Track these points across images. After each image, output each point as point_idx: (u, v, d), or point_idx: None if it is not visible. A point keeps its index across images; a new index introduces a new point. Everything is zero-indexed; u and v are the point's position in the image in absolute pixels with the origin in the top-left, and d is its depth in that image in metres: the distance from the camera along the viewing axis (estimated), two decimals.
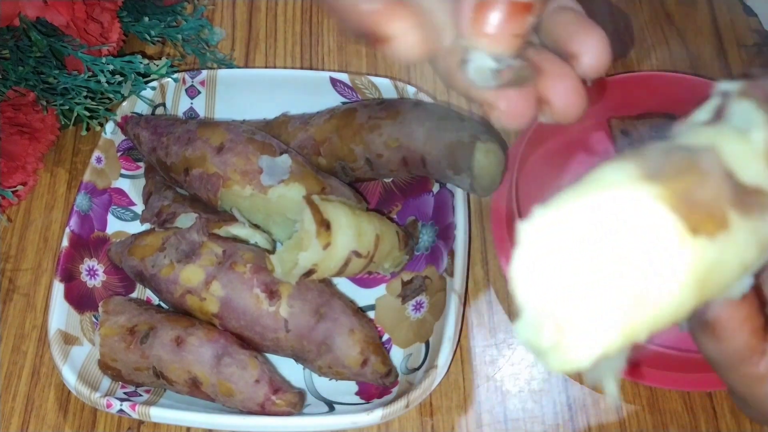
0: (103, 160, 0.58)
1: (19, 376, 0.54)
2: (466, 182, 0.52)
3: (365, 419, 0.46)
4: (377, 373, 0.50)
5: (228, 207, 0.54)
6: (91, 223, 0.56)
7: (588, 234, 0.20)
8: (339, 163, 0.56)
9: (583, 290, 0.20)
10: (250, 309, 0.49)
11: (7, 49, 0.60)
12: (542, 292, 0.21)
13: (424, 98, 0.57)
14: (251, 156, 0.53)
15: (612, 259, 0.20)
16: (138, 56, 0.60)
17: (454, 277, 0.51)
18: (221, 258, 0.50)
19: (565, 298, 0.21)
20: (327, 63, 0.69)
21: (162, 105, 0.61)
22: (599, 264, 0.20)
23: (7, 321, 0.56)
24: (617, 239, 0.20)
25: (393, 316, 0.55)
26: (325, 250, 0.48)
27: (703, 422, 0.51)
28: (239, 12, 0.72)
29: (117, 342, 0.50)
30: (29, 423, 0.52)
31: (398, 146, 0.53)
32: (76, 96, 0.60)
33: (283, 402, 0.48)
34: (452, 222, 0.54)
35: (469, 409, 0.52)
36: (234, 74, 0.62)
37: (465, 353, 0.54)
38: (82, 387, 0.48)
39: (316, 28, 0.71)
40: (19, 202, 0.61)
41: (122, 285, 0.56)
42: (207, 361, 0.48)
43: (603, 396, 0.52)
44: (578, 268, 0.20)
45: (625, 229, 0.20)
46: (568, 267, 0.21)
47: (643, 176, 0.21)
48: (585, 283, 0.20)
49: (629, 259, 0.20)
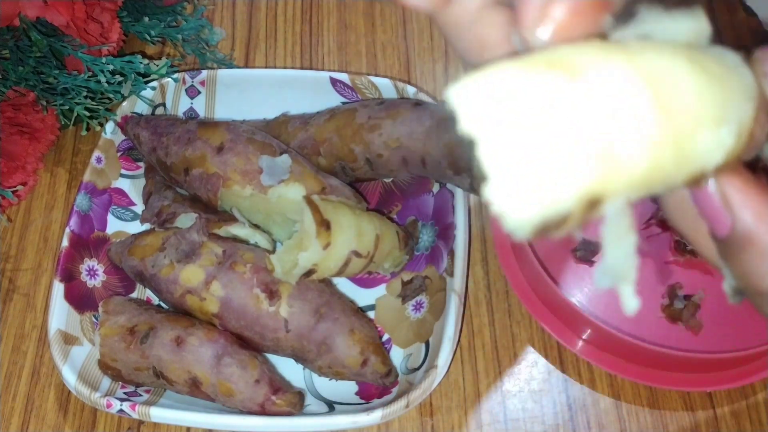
0: (103, 160, 0.58)
1: (19, 376, 0.54)
2: (466, 182, 0.52)
3: (365, 419, 0.46)
4: (377, 373, 0.50)
5: (228, 207, 0.54)
6: (91, 223, 0.56)
7: (550, 83, 0.19)
8: (339, 163, 0.56)
9: (544, 131, 0.18)
10: (250, 309, 0.49)
11: (7, 49, 0.60)
12: (501, 128, 0.19)
13: (424, 98, 0.57)
14: (251, 156, 0.53)
15: (573, 105, 0.18)
16: (138, 56, 0.60)
17: (454, 277, 0.51)
18: (221, 258, 0.50)
19: (524, 135, 0.19)
20: (327, 63, 0.69)
21: (162, 105, 0.61)
22: (557, 112, 0.18)
23: (7, 321, 0.56)
24: (579, 86, 0.19)
25: (393, 316, 0.55)
26: (325, 250, 0.48)
27: (703, 422, 0.51)
28: (239, 12, 0.72)
29: (117, 342, 0.50)
30: (29, 423, 0.52)
31: (398, 146, 0.53)
32: (76, 96, 0.60)
33: (283, 402, 0.48)
34: (452, 222, 0.54)
35: (469, 409, 0.52)
36: (234, 74, 0.62)
37: (465, 353, 0.54)
38: (82, 387, 0.48)
39: (316, 28, 0.71)
40: (19, 202, 0.61)
41: (122, 285, 0.56)
42: (207, 361, 0.48)
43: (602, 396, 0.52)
44: (538, 115, 0.18)
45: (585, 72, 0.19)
46: (526, 114, 0.19)
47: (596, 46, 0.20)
48: (544, 129, 0.18)
49: (591, 102, 0.18)
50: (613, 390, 0.53)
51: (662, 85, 0.20)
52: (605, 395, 0.52)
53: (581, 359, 0.53)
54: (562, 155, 0.18)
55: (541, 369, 0.54)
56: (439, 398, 0.52)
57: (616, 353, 0.51)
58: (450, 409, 0.52)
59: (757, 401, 0.52)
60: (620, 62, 0.19)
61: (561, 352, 0.54)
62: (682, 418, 0.52)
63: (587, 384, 0.53)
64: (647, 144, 0.19)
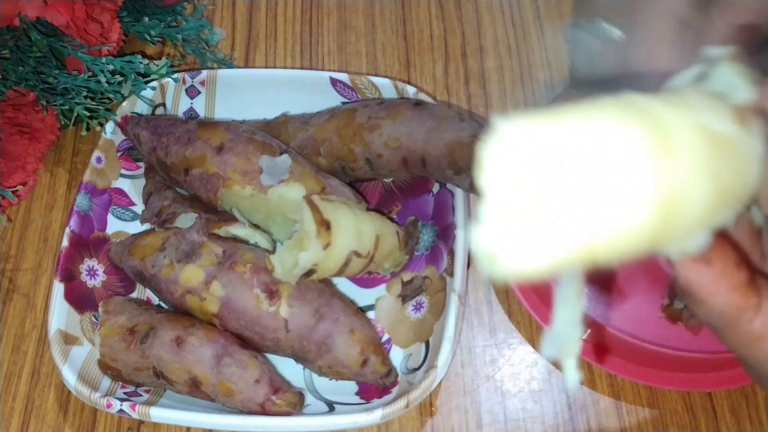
0: (103, 160, 0.58)
1: (19, 376, 0.54)
2: (466, 182, 0.52)
3: (365, 419, 0.46)
4: (377, 373, 0.50)
5: (228, 207, 0.54)
6: (91, 223, 0.56)
7: (555, 149, 0.20)
8: (339, 163, 0.56)
9: (542, 196, 0.20)
10: (250, 309, 0.49)
11: (7, 49, 0.60)
12: (504, 183, 0.20)
13: (424, 98, 0.57)
14: (251, 156, 0.53)
15: (574, 173, 0.19)
16: (138, 56, 0.60)
17: (454, 277, 0.51)
18: (221, 258, 0.50)
19: (523, 199, 0.20)
20: (327, 63, 0.69)
21: (162, 105, 0.61)
22: (561, 175, 0.19)
23: (7, 321, 0.56)
24: (584, 156, 0.19)
25: (393, 316, 0.55)
26: (325, 250, 0.48)
27: (703, 422, 0.51)
28: (239, 12, 0.72)
29: (117, 342, 0.50)
30: (29, 423, 0.52)
31: (398, 146, 0.53)
32: (76, 96, 0.60)
33: (283, 402, 0.48)
34: (452, 222, 0.54)
35: (469, 409, 0.52)
36: (234, 74, 0.62)
37: (465, 353, 0.54)
38: (82, 387, 0.48)
39: (316, 28, 0.71)
40: (19, 202, 0.61)
41: (122, 285, 0.56)
42: (207, 361, 0.48)
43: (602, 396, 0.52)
44: (541, 176, 0.20)
45: (593, 148, 0.19)
46: (531, 173, 0.20)
47: (617, 104, 0.20)
48: (544, 191, 0.19)
49: (592, 173, 0.19)
50: (613, 390, 0.53)
51: (672, 183, 0.20)
52: (605, 395, 0.52)
53: (581, 360, 0.54)
54: (559, 223, 0.19)
55: (541, 369, 0.54)
56: (439, 398, 0.52)
57: (616, 353, 0.51)
58: (450, 409, 0.52)
59: (757, 401, 0.52)
60: (636, 136, 0.20)
61: None
62: (682, 418, 0.52)
63: (587, 384, 0.53)
64: (635, 230, 0.20)
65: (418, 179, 0.58)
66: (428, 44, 0.69)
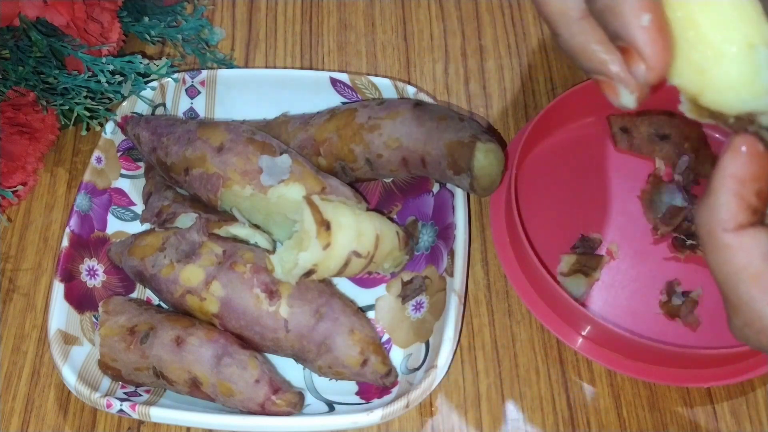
0: (103, 160, 0.58)
1: (19, 376, 0.54)
2: (466, 182, 0.52)
3: (365, 419, 0.46)
4: (377, 373, 0.50)
5: (228, 207, 0.54)
6: (91, 223, 0.57)
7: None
8: (339, 163, 0.56)
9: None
10: (250, 309, 0.49)
11: (7, 49, 0.60)
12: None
13: (424, 98, 0.57)
14: (251, 156, 0.53)
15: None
16: (138, 56, 0.60)
17: (454, 277, 0.51)
18: (221, 258, 0.50)
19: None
20: (327, 63, 0.69)
21: (162, 105, 0.61)
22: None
23: (7, 321, 0.56)
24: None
25: (393, 316, 0.55)
26: (325, 250, 0.48)
27: (703, 422, 0.51)
28: (239, 12, 0.72)
29: (117, 342, 0.50)
30: (29, 423, 0.52)
31: (398, 146, 0.53)
32: (76, 96, 0.60)
33: (283, 402, 0.48)
34: (452, 222, 0.54)
35: (469, 409, 0.52)
36: (234, 74, 0.62)
37: (465, 353, 0.54)
38: (82, 387, 0.48)
39: (316, 28, 0.71)
40: (19, 202, 0.61)
41: (122, 285, 0.56)
42: (207, 361, 0.48)
43: (602, 396, 0.52)
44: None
45: None
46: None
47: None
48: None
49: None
50: (613, 389, 0.53)
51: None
52: (605, 395, 0.52)
53: (581, 359, 0.54)
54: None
55: (541, 369, 0.54)
56: (439, 398, 0.52)
57: (615, 349, 0.51)
58: (450, 409, 0.52)
59: (756, 399, 0.52)
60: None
61: (561, 351, 0.54)
62: (682, 418, 0.52)
63: (587, 383, 0.53)
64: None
65: (418, 179, 0.58)
66: (428, 44, 0.69)
